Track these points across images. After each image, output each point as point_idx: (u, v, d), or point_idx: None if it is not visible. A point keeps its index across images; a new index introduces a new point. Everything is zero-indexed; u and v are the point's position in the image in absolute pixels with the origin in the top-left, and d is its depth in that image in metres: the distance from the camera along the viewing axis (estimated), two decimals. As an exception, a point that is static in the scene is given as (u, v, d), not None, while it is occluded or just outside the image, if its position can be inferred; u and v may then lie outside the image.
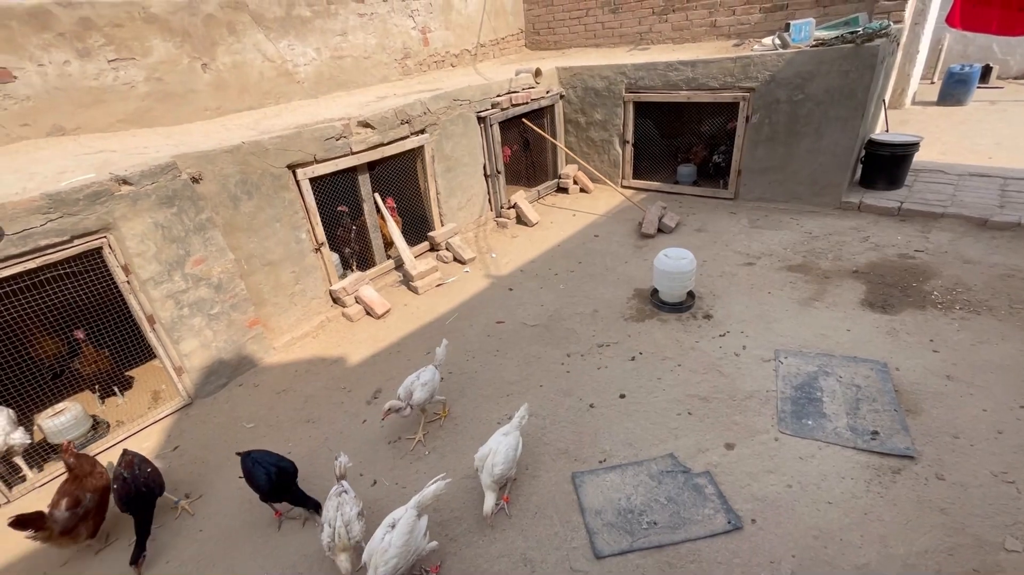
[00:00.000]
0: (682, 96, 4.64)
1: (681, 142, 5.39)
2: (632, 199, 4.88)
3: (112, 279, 2.69)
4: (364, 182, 3.89)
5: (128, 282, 2.71)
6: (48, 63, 3.52)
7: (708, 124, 5.16)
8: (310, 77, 4.99)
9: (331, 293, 3.75)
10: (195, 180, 2.93)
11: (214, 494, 2.47)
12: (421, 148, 4.20)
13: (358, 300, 3.76)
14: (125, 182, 2.62)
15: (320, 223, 3.58)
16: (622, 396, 2.77)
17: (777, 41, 4.35)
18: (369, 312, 3.73)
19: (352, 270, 4.02)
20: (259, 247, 3.30)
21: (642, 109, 5.04)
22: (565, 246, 4.35)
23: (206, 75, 4.28)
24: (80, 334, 2.84)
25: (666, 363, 2.95)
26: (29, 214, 2.36)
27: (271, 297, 3.41)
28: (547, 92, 5.09)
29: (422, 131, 4.16)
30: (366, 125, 3.78)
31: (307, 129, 3.44)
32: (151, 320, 2.81)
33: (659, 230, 4.35)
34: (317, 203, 3.56)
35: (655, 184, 5.20)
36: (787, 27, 4.37)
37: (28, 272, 2.39)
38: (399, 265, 4.18)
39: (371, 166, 3.94)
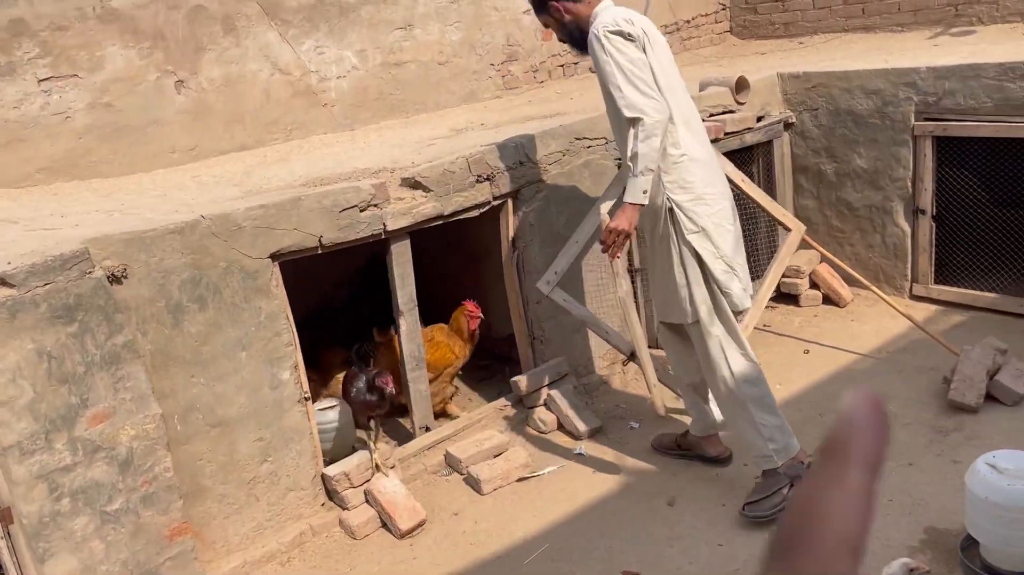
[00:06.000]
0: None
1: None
2: (932, 329, 4.61)
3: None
4: (404, 279, 4.04)
5: (-19, 449, 2.91)
6: (-47, 85, 4.26)
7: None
8: (346, 97, 5.52)
9: (324, 480, 3.84)
10: (115, 279, 3.18)
11: None
12: (507, 221, 4.35)
13: (369, 499, 3.80)
14: (3, 282, 2.91)
15: (317, 353, 3.73)
16: None
17: None
18: (387, 523, 3.74)
19: (374, 440, 4.00)
20: (207, 393, 3.46)
21: (952, 151, 4.92)
22: (787, 417, 4.05)
23: (180, 97, 4.89)
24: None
25: None
26: None
27: (217, 484, 3.50)
28: (758, 120, 5.17)
29: (515, 193, 4.30)
30: (415, 185, 3.97)
31: (310, 195, 3.66)
32: (5, 517, 2.95)
33: (987, 398, 4.02)
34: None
35: (984, 297, 4.95)
36: None
37: None
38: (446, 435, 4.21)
39: (419, 253, 4.08)
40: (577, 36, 3.46)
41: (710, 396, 3.74)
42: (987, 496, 2.91)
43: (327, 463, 3.88)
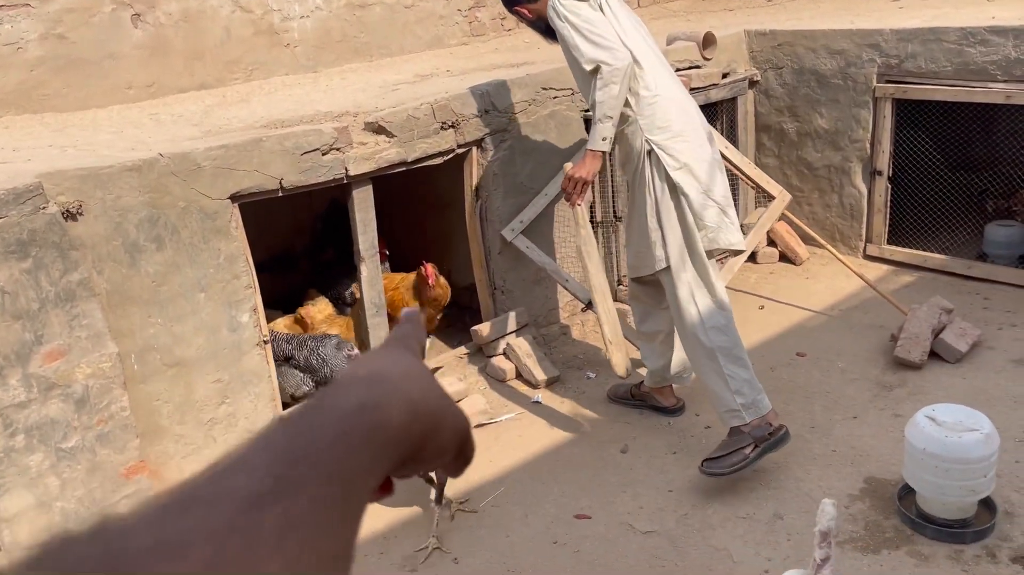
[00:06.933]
0: (996, 93, 4.53)
1: (992, 180, 5.19)
2: (883, 288, 4.71)
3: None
4: (366, 226, 4.03)
5: (-66, 384, 2.89)
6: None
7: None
8: (309, 38, 5.41)
9: (283, 423, 3.85)
10: (70, 215, 3.14)
11: None
12: (471, 169, 4.34)
13: (327, 442, 3.82)
14: (-45, 216, 2.87)
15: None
16: None
17: None
18: (344, 466, 3.76)
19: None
20: (165, 333, 3.45)
21: (910, 114, 4.98)
22: (735, 371, 4.24)
23: (138, 31, 4.76)
24: None
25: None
26: None
27: (174, 424, 3.51)
28: (724, 76, 5.19)
29: (479, 141, 4.29)
30: (378, 130, 3.94)
31: (271, 137, 3.62)
32: (-41, 454, 2.95)
33: (931, 355, 4.13)
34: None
35: (934, 258, 5.07)
36: None
37: None
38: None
39: (381, 200, 4.07)
40: (544, 28, 3.54)
41: (676, 345, 3.76)
42: (925, 447, 3.01)
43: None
